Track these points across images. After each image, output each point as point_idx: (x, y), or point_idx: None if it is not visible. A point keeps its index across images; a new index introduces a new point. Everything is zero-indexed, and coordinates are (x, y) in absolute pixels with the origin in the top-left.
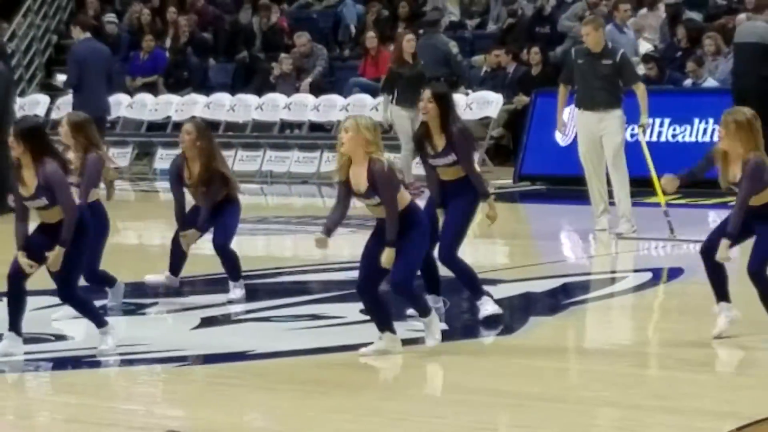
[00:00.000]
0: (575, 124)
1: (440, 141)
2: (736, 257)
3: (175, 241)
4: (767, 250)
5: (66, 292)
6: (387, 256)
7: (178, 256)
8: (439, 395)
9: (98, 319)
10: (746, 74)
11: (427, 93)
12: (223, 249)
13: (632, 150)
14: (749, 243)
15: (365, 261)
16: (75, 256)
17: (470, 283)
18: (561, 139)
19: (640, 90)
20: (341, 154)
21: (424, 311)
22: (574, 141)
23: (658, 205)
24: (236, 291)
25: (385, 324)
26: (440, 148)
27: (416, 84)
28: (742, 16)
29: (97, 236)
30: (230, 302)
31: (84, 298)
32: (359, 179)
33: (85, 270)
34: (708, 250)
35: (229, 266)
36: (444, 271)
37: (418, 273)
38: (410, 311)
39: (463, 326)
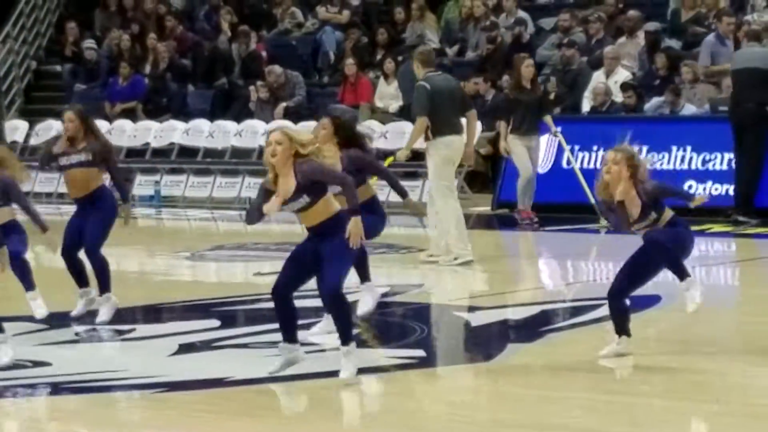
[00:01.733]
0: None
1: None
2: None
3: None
4: None
5: None
6: (355, 226)
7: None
8: (416, 422)
9: None
10: (745, 101)
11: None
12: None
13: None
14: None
15: (291, 264)
16: None
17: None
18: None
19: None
20: (272, 165)
21: (349, 337)
22: (552, 168)
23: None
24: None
25: (289, 333)
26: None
27: (536, 110)
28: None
29: None
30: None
31: None
32: (287, 186)
33: None
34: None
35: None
36: (421, 298)
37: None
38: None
39: (440, 353)
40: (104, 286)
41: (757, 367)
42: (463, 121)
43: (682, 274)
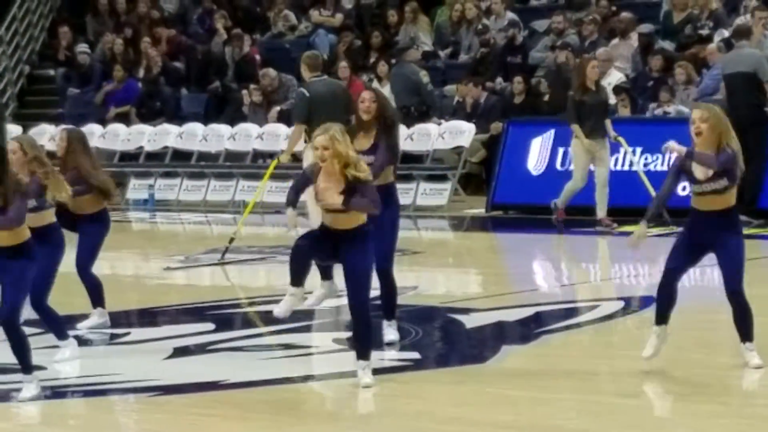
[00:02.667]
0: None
1: None
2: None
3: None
4: (740, 261)
5: None
6: None
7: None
8: (411, 424)
9: None
10: (740, 104)
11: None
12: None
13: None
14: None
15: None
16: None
17: None
18: (533, 168)
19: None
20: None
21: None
22: (546, 170)
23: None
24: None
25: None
26: None
27: (600, 112)
28: (713, 45)
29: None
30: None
31: None
32: (330, 193)
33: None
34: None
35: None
36: (416, 300)
37: None
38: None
39: (434, 355)
40: (96, 301)
41: (755, 367)
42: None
43: None
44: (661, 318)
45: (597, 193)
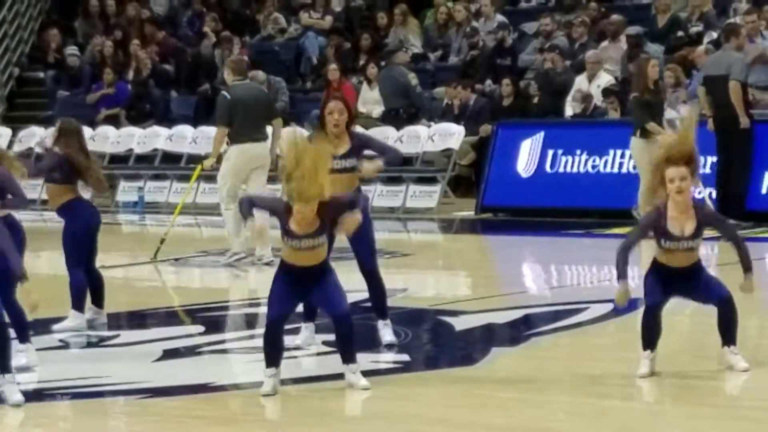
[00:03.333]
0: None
1: None
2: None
3: None
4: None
5: None
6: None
7: None
8: (401, 426)
9: None
10: (721, 106)
11: None
12: None
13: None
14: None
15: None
16: None
17: None
18: (523, 171)
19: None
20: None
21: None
22: (536, 172)
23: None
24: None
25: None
26: None
27: (660, 112)
28: (701, 48)
29: None
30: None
31: None
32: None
33: None
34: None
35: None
36: (405, 302)
37: None
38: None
39: (424, 357)
40: (73, 304)
41: (744, 370)
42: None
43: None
44: (650, 345)
45: (641, 193)
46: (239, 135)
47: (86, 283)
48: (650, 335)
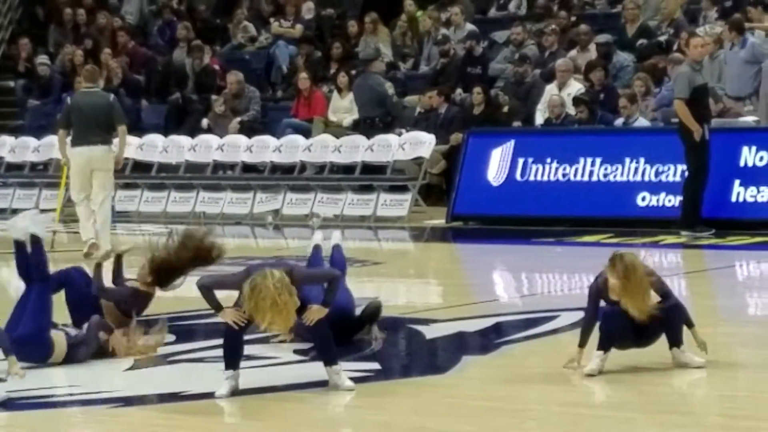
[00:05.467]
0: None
1: None
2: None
3: None
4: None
5: None
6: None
7: None
8: None
9: None
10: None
11: None
12: None
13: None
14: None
15: None
16: None
17: None
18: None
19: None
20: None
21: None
22: (506, 181)
23: (594, 244)
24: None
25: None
26: None
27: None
28: (676, 55)
29: None
30: None
31: None
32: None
33: None
34: None
35: None
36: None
37: None
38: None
39: (395, 366)
40: None
41: (712, 378)
42: None
43: None
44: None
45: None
46: (77, 138)
47: None
48: (607, 334)
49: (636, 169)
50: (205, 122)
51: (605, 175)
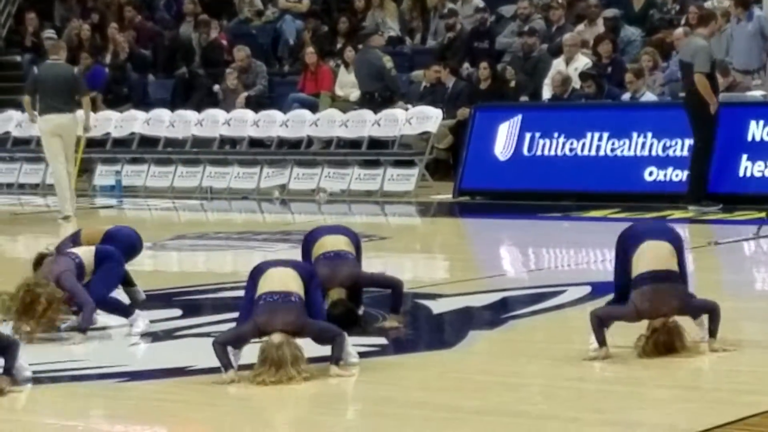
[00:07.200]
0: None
1: None
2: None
3: None
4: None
5: None
6: None
7: None
8: (377, 409)
9: None
10: (690, 91)
11: None
12: None
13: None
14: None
15: None
16: None
17: None
18: (500, 154)
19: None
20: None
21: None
22: (513, 156)
23: (601, 219)
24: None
25: None
26: None
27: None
28: (679, 30)
29: None
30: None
31: None
32: None
33: None
34: None
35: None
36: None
37: None
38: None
39: (401, 340)
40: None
41: (719, 351)
42: None
43: None
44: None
45: None
46: (44, 106)
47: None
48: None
49: (643, 143)
50: (217, 89)
51: (612, 150)
